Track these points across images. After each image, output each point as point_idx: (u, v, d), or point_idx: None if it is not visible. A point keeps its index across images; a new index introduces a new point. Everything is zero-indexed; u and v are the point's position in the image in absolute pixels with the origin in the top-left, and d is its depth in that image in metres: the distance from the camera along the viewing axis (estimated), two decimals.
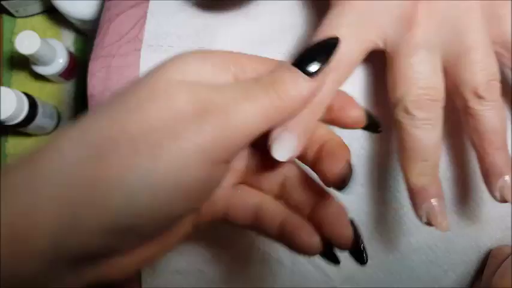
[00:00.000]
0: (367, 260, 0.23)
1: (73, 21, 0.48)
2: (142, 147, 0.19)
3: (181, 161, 0.19)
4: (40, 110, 0.47)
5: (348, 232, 0.23)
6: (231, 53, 0.22)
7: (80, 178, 0.18)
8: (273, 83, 0.21)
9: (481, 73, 0.26)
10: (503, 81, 0.27)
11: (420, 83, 0.26)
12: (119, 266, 0.21)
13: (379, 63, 0.29)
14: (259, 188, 0.26)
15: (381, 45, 0.27)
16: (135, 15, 0.33)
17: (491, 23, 0.27)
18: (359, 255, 0.24)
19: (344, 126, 0.25)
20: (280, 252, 0.34)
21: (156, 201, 0.19)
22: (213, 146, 0.19)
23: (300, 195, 0.24)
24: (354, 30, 0.26)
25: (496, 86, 0.26)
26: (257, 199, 0.25)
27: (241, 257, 0.34)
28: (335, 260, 0.24)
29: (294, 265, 0.34)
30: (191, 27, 0.33)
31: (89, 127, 0.19)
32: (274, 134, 0.22)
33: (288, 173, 0.25)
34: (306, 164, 0.24)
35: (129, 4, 0.34)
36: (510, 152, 0.27)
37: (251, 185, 0.26)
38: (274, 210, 0.25)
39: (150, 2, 0.33)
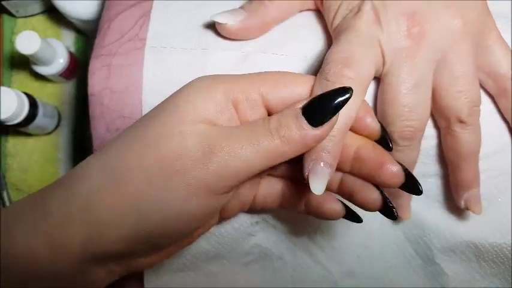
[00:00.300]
0: (397, 215, 0.27)
1: (73, 21, 0.48)
2: (155, 180, 0.22)
3: (187, 193, 0.22)
4: (40, 110, 0.46)
5: (377, 194, 0.26)
6: (234, 80, 0.24)
7: (102, 202, 0.22)
8: (278, 128, 0.23)
9: (465, 101, 0.28)
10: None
11: (404, 117, 0.27)
12: (141, 263, 0.26)
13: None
14: (281, 176, 0.29)
15: (379, 71, 0.28)
16: (135, 14, 0.33)
17: (479, 52, 0.29)
18: (389, 212, 0.27)
19: (359, 134, 0.27)
20: (281, 248, 0.34)
21: (165, 223, 0.23)
22: (216, 182, 0.22)
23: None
24: (367, 51, 0.27)
25: (477, 112, 0.29)
26: (280, 184, 0.29)
27: (242, 254, 0.34)
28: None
29: (295, 261, 0.34)
30: (194, 28, 0.33)
31: (111, 157, 0.23)
32: (309, 165, 0.24)
33: None
34: (342, 172, 0.27)
35: (129, 3, 0.34)
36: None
37: (274, 175, 0.29)
38: (297, 193, 0.28)
39: (154, 2, 0.33)
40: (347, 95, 0.22)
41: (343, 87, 0.23)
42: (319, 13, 0.32)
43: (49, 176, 0.50)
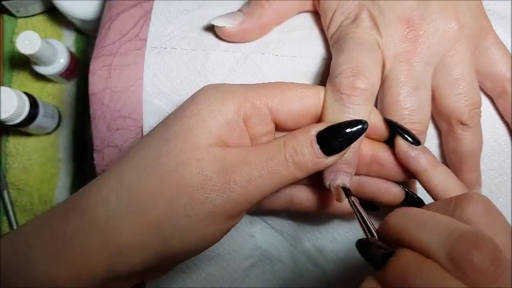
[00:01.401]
0: (423, 202, 0.28)
1: (74, 21, 0.48)
2: (176, 207, 0.23)
3: (208, 221, 0.23)
4: (41, 110, 0.47)
5: (398, 188, 0.28)
6: (243, 95, 0.25)
7: (122, 227, 0.23)
8: (293, 155, 0.23)
9: (466, 103, 0.28)
10: None
11: (406, 120, 0.27)
12: (157, 274, 0.27)
13: None
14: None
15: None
16: (136, 14, 0.33)
17: (476, 54, 0.29)
18: (414, 200, 0.28)
19: (367, 136, 0.28)
20: (280, 251, 0.34)
21: (186, 246, 0.24)
22: (235, 208, 0.23)
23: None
24: (373, 57, 0.27)
25: (478, 113, 0.29)
26: (288, 189, 0.29)
27: (243, 257, 0.34)
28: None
29: (295, 264, 0.34)
30: (195, 29, 0.33)
31: (128, 183, 0.23)
32: (331, 176, 0.26)
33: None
34: (359, 175, 0.28)
35: (130, 4, 0.34)
36: None
37: None
38: (305, 196, 0.29)
39: (154, 3, 0.33)
40: (363, 128, 0.24)
41: (359, 120, 0.24)
42: (318, 14, 0.32)
43: (49, 176, 0.50)
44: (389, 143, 0.28)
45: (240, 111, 0.24)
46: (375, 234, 0.22)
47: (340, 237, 0.34)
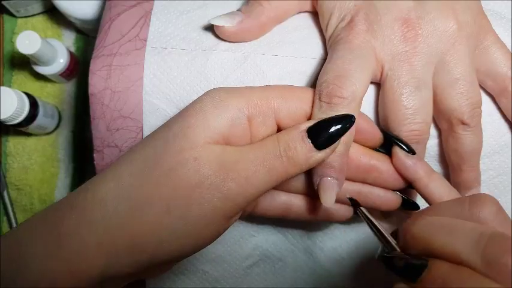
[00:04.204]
0: (418, 206, 0.29)
1: (74, 21, 0.48)
2: (173, 209, 0.22)
3: (205, 222, 0.23)
4: (41, 110, 0.47)
5: (395, 195, 0.29)
6: (247, 95, 0.25)
7: (119, 228, 0.23)
8: (287, 150, 0.24)
9: (466, 102, 0.28)
10: None
11: (409, 120, 0.28)
12: (153, 273, 0.27)
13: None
14: (286, 190, 0.29)
15: (377, 77, 0.29)
16: (136, 15, 0.33)
17: (477, 54, 0.29)
18: (411, 205, 0.29)
19: (363, 144, 0.28)
20: (281, 249, 0.34)
21: (184, 248, 0.24)
22: (232, 208, 0.23)
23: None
24: (360, 63, 0.27)
25: (479, 113, 0.29)
26: (284, 197, 0.29)
27: (243, 257, 0.34)
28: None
29: (296, 263, 0.34)
30: (195, 29, 0.33)
31: (126, 185, 0.23)
32: (317, 180, 0.26)
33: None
34: (353, 181, 0.28)
35: (130, 4, 0.34)
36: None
37: (278, 188, 0.29)
38: (301, 206, 0.29)
39: (154, 3, 0.33)
40: (349, 123, 0.24)
41: (346, 114, 0.24)
42: (317, 15, 0.32)
43: (49, 176, 0.50)
44: (386, 152, 0.29)
45: (245, 109, 0.24)
46: (394, 245, 0.23)
47: (340, 234, 0.34)
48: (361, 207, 0.26)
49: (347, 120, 0.24)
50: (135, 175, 0.23)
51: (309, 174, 0.27)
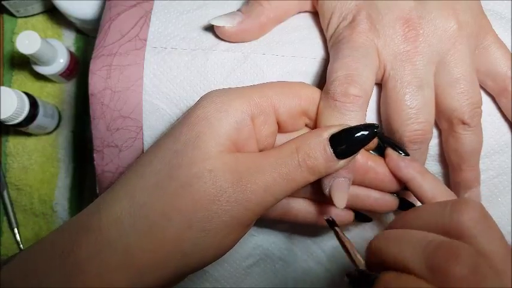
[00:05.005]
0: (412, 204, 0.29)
1: (74, 21, 0.48)
2: (193, 223, 0.22)
3: (225, 232, 0.23)
4: (41, 110, 0.47)
5: (392, 196, 0.29)
6: (247, 95, 0.25)
7: (139, 246, 0.22)
8: (306, 159, 0.23)
9: (467, 102, 0.28)
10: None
11: (412, 119, 0.28)
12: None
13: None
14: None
15: (379, 77, 0.29)
16: (136, 15, 0.33)
17: (477, 54, 0.29)
18: (407, 205, 0.29)
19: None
20: (281, 249, 0.34)
21: (205, 259, 0.24)
22: (250, 217, 0.23)
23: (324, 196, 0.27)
24: (366, 62, 0.27)
25: (479, 113, 0.29)
26: (284, 201, 0.28)
27: (244, 256, 0.34)
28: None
29: (296, 262, 0.34)
30: (195, 29, 0.33)
31: (143, 202, 0.23)
32: (330, 182, 0.26)
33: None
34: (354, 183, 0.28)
35: (130, 4, 0.34)
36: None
37: None
38: (301, 209, 0.29)
39: (154, 3, 0.33)
40: (373, 133, 0.24)
41: (371, 124, 0.24)
42: (318, 14, 0.32)
43: (49, 176, 0.50)
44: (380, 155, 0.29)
45: (248, 110, 0.24)
46: (362, 262, 0.23)
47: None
48: (336, 228, 0.26)
49: (372, 129, 0.24)
50: (149, 190, 0.23)
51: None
